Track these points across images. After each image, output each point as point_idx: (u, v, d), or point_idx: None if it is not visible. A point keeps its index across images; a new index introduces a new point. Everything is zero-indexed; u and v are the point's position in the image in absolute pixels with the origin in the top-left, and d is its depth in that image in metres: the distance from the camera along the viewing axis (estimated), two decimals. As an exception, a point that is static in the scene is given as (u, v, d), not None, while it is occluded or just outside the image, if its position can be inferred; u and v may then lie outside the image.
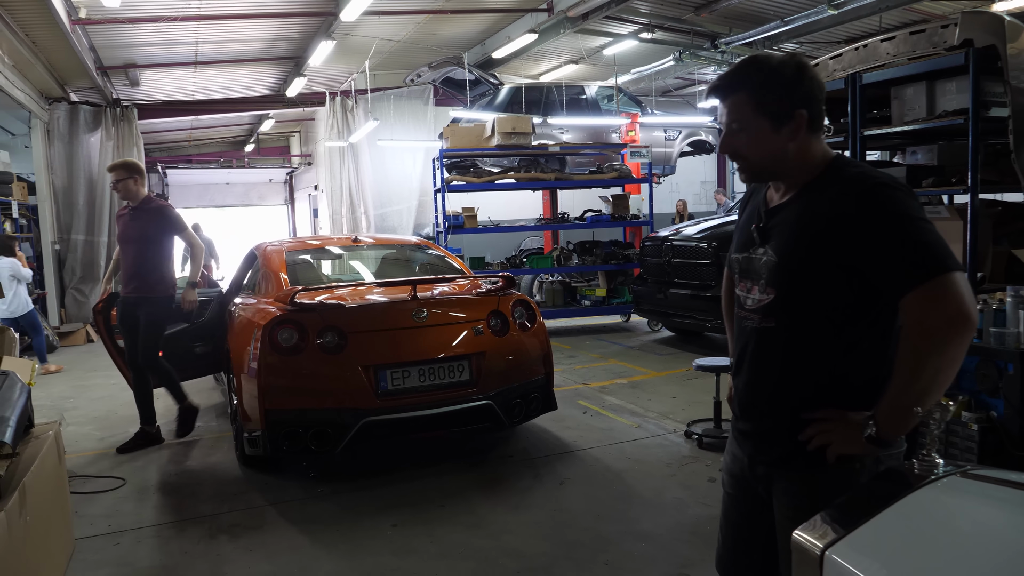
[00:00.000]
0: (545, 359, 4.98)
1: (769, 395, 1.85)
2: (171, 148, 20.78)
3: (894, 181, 1.67)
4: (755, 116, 1.75)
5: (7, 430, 3.08)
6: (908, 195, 1.65)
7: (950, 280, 1.56)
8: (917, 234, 1.60)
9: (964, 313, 1.56)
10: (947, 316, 1.56)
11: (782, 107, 1.73)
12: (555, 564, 3.47)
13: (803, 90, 1.74)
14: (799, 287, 1.77)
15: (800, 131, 1.74)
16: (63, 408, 6.84)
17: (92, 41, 10.24)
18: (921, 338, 1.59)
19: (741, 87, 1.77)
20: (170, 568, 3.55)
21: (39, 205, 11.68)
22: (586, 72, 14.08)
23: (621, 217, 10.18)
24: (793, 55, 1.83)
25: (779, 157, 1.77)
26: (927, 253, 1.58)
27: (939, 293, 1.57)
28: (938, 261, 1.57)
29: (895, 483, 1.44)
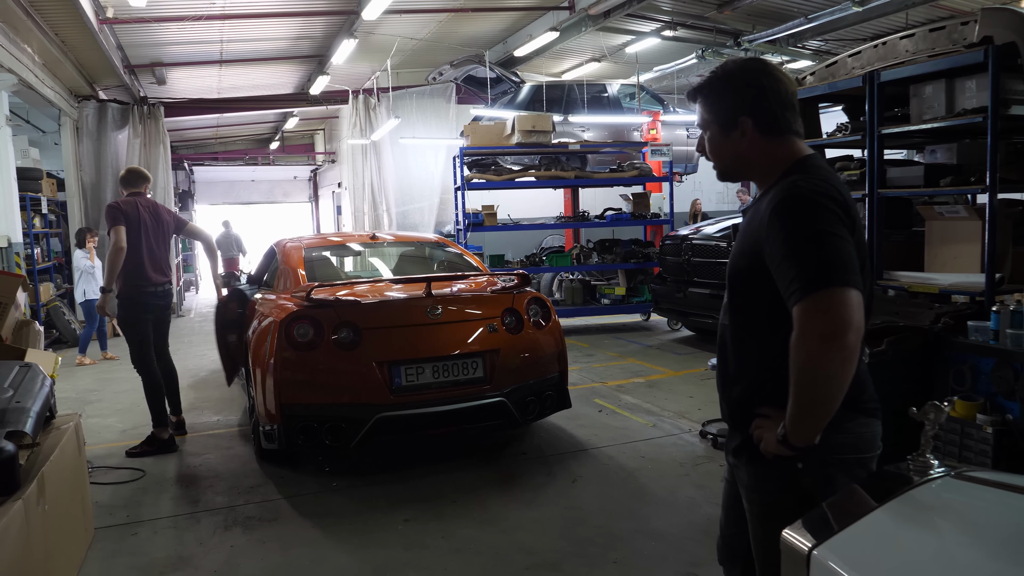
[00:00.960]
0: (559, 357, 4.98)
1: (723, 389, 1.96)
2: (197, 146, 21.04)
3: (812, 192, 1.69)
4: (710, 123, 1.88)
5: (28, 421, 3.16)
6: (817, 208, 1.66)
7: (827, 296, 1.57)
8: (804, 249, 1.62)
9: (836, 330, 1.56)
10: (819, 332, 1.57)
11: (727, 114, 1.83)
12: (565, 561, 3.48)
13: (748, 97, 1.80)
14: (742, 288, 1.86)
15: (747, 135, 1.81)
16: (87, 400, 6.98)
17: (119, 40, 10.40)
18: (796, 350, 1.62)
19: (698, 95, 1.89)
20: (185, 559, 3.61)
21: (68, 201, 11.90)
22: (608, 70, 14.03)
23: (641, 216, 10.13)
24: (754, 60, 1.90)
25: (735, 159, 1.86)
26: (808, 268, 1.60)
27: (814, 309, 1.58)
28: (818, 276, 1.59)
29: (887, 484, 1.43)
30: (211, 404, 6.68)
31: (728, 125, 1.82)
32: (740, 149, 1.84)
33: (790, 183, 1.74)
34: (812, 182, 1.72)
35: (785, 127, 1.83)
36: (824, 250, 1.61)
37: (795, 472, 1.73)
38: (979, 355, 3.22)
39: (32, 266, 9.74)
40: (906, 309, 3.52)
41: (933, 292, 3.79)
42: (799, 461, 1.72)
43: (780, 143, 1.83)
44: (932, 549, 1.20)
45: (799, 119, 1.86)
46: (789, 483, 1.73)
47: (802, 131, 1.87)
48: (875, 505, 1.28)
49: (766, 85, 1.81)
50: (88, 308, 8.92)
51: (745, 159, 1.85)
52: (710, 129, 1.88)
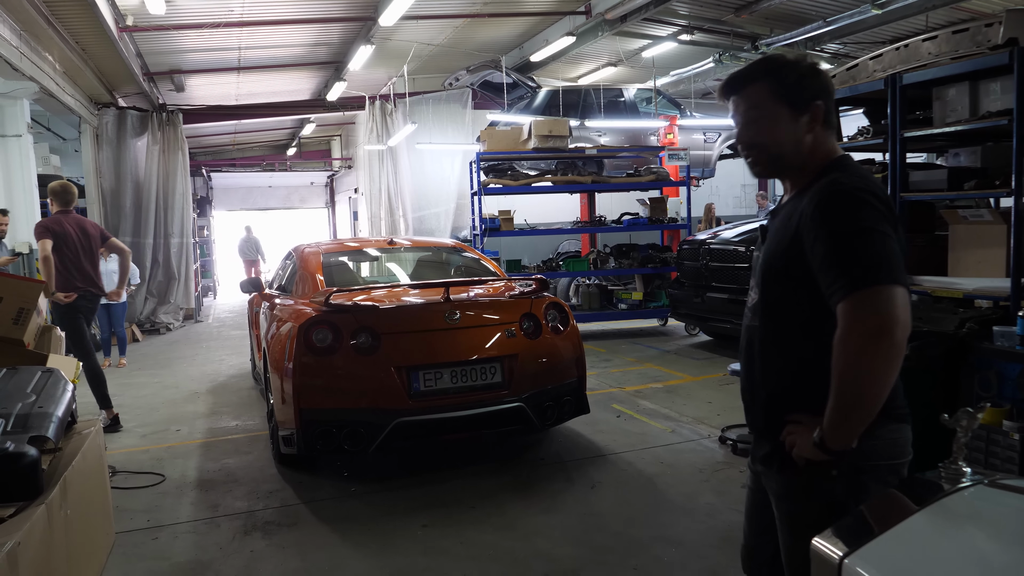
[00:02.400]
0: (578, 362, 4.96)
1: (752, 393, 1.90)
2: (215, 152, 21.23)
3: (858, 190, 1.66)
4: (774, 102, 1.77)
5: (50, 426, 3.19)
6: (864, 205, 1.63)
7: (874, 293, 1.55)
8: (851, 246, 1.60)
9: (884, 328, 1.53)
10: (866, 330, 1.55)
11: (801, 95, 1.76)
12: (584, 568, 3.46)
13: (819, 83, 1.78)
14: (775, 288, 1.82)
15: (817, 123, 1.77)
16: (108, 405, 7.02)
17: (139, 48, 10.52)
18: (842, 349, 1.59)
19: (760, 76, 1.80)
20: (205, 564, 3.62)
21: (88, 208, 12.02)
22: (624, 74, 14.01)
23: (659, 220, 10.10)
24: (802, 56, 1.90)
25: (795, 147, 1.79)
26: (856, 265, 1.58)
27: (861, 306, 1.56)
28: (866, 273, 1.57)
29: (919, 492, 1.40)
30: (230, 409, 6.71)
31: (801, 107, 1.77)
32: (800, 135, 1.78)
33: (832, 180, 1.71)
34: (854, 180, 1.70)
35: (836, 123, 1.84)
36: (871, 247, 1.58)
37: (829, 480, 1.69)
38: (1005, 360, 3.17)
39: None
40: (930, 314, 3.48)
41: (957, 297, 3.74)
42: (833, 468, 1.68)
43: (828, 137, 1.82)
44: (966, 559, 1.18)
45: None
46: (823, 491, 1.70)
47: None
48: (907, 513, 1.25)
49: (829, 78, 1.83)
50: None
51: (799, 147, 1.79)
52: (773, 109, 1.78)
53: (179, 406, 6.92)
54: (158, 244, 12.61)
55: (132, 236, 12.34)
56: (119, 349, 9.19)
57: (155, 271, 12.59)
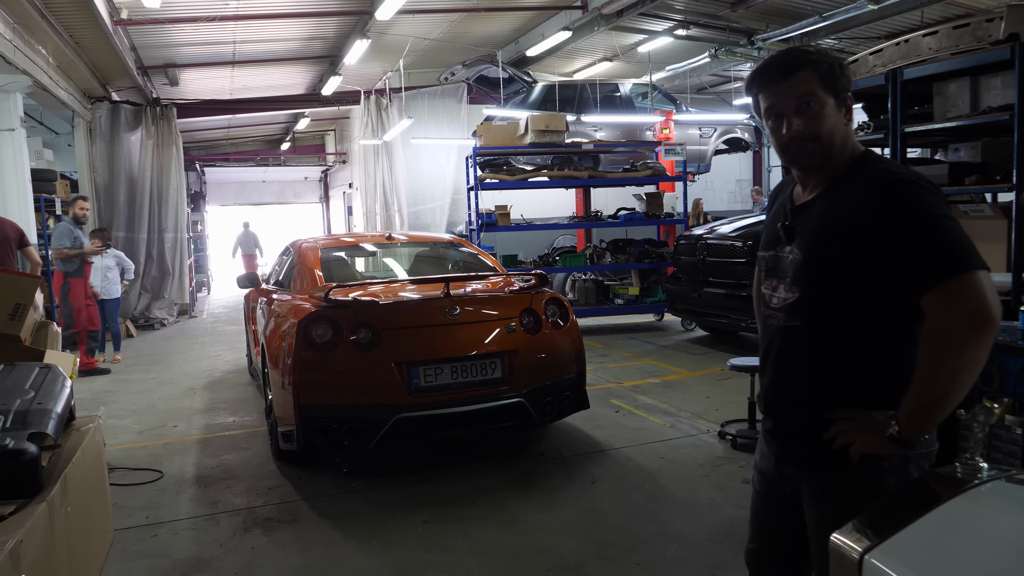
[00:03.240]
0: (577, 357, 4.96)
1: (792, 394, 1.84)
2: (209, 147, 21.12)
3: (919, 178, 1.63)
4: (824, 92, 1.71)
5: (50, 422, 3.16)
6: (932, 192, 1.62)
7: (970, 279, 1.53)
8: (937, 232, 1.57)
9: (983, 314, 1.52)
10: (966, 316, 1.53)
11: (842, 86, 1.72)
12: (586, 563, 3.45)
13: (847, 77, 1.75)
14: (823, 286, 1.74)
15: (849, 117, 1.75)
16: (103, 401, 7.00)
17: (133, 41, 10.45)
18: (939, 338, 1.56)
19: (804, 64, 1.71)
20: (205, 560, 3.61)
21: (82, 203, 11.95)
22: (620, 69, 14.00)
23: (655, 215, 10.09)
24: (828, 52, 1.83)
25: (831, 136, 1.73)
26: (947, 251, 1.55)
27: (958, 292, 1.53)
28: (958, 259, 1.54)
29: (938, 487, 1.40)
30: (227, 405, 6.69)
31: (843, 101, 1.74)
32: (839, 127, 1.74)
33: (885, 171, 1.69)
34: (906, 171, 1.68)
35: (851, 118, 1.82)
36: (958, 233, 1.57)
37: (880, 473, 1.67)
38: (1007, 355, 3.17)
39: (47, 267, 9.78)
40: (932, 309, 3.49)
41: (958, 292, 3.75)
42: (884, 460, 1.66)
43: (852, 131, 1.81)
44: (987, 554, 1.17)
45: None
46: (874, 485, 1.66)
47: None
48: (927, 508, 1.25)
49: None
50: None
51: (837, 138, 1.74)
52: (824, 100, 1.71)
53: (175, 402, 6.89)
54: (152, 239, 12.55)
55: (126, 231, 12.28)
56: (113, 345, 9.14)
57: (149, 266, 12.53)
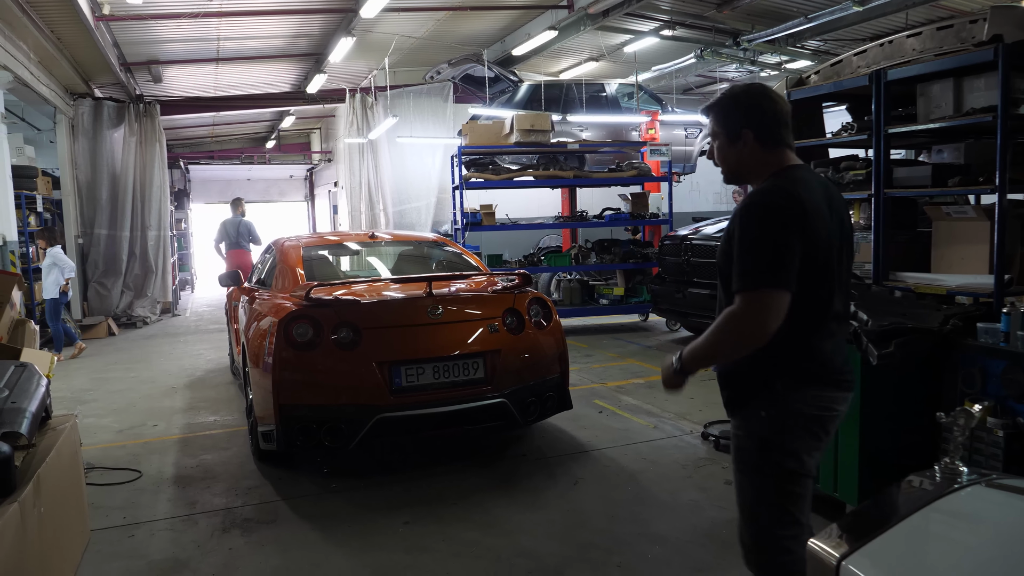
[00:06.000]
0: (561, 358, 4.94)
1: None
2: (194, 144, 20.93)
3: (762, 199, 2.10)
4: (719, 134, 2.27)
5: (23, 422, 3.10)
6: (760, 213, 2.07)
7: (744, 298, 2.03)
8: (740, 254, 2.05)
9: (735, 325, 2.05)
10: (737, 320, 2.05)
11: (733, 127, 2.22)
12: (568, 565, 3.43)
13: (750, 114, 2.20)
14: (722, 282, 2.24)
15: (748, 145, 2.20)
16: (82, 400, 6.91)
17: (115, 37, 10.32)
18: (724, 320, 2.08)
19: (710, 112, 2.30)
20: (183, 562, 3.56)
21: (63, 200, 11.80)
22: (606, 69, 14.00)
23: (640, 216, 10.09)
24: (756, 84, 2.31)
25: (737, 164, 2.26)
26: (739, 272, 2.05)
27: (738, 303, 2.04)
28: (742, 281, 2.04)
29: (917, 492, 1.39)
30: (208, 404, 6.62)
31: (733, 136, 2.21)
32: (742, 156, 2.22)
33: (753, 191, 2.16)
34: (770, 190, 2.11)
35: (778, 140, 2.20)
36: (755, 255, 2.02)
37: (759, 421, 2.15)
38: (989, 357, 3.18)
39: (27, 264, 9.66)
40: (913, 311, 3.49)
41: (940, 293, 3.75)
42: (762, 410, 2.14)
43: (773, 153, 2.20)
44: (966, 559, 1.16)
45: (791, 135, 2.23)
46: (754, 429, 2.16)
47: (793, 145, 2.23)
48: (906, 513, 1.23)
49: (764, 106, 2.20)
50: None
51: (745, 165, 2.24)
52: (719, 139, 2.27)
53: (156, 401, 6.81)
54: (135, 237, 12.41)
55: (108, 228, 12.14)
56: (55, 345, 9.02)
57: (132, 264, 12.39)
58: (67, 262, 9.19)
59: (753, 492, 2.19)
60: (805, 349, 2.12)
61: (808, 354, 2.12)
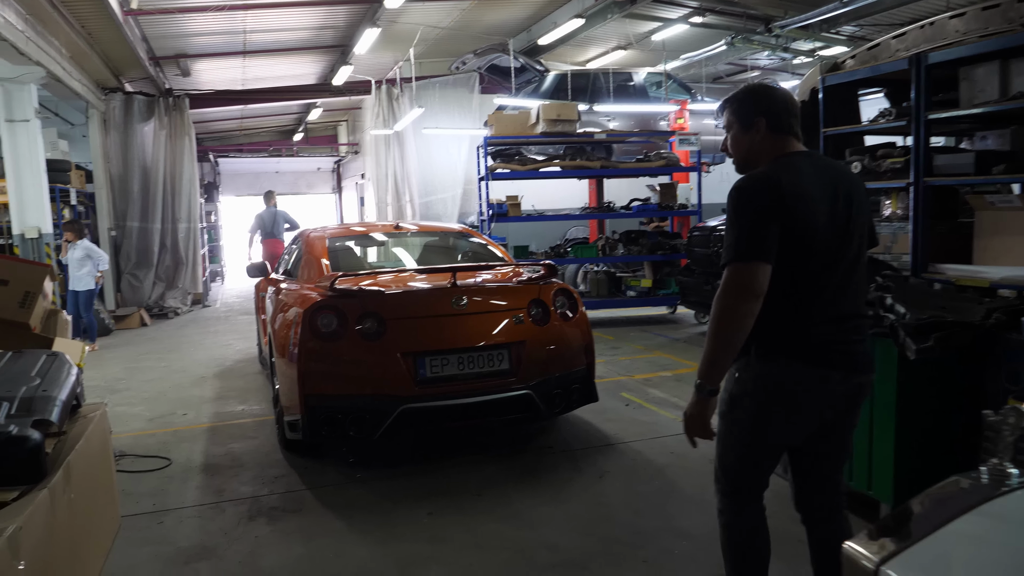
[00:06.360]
0: (587, 349, 4.88)
1: None
2: (222, 137, 21.14)
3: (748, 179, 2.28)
4: (733, 123, 2.45)
5: (54, 410, 3.13)
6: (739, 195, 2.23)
7: (727, 272, 2.20)
8: (730, 228, 2.23)
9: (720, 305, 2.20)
10: (722, 297, 2.20)
11: (748, 116, 2.40)
12: (592, 559, 3.39)
13: (765, 103, 2.38)
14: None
15: (760, 132, 2.38)
16: (115, 389, 7.01)
17: (144, 31, 10.41)
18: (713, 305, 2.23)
19: (726, 106, 2.49)
20: (210, 548, 3.57)
21: (96, 193, 11.98)
22: (634, 58, 13.83)
23: (668, 206, 9.96)
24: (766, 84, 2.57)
25: (748, 152, 2.42)
26: (726, 247, 2.23)
27: (722, 280, 2.21)
28: (727, 254, 2.21)
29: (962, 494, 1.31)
30: (236, 393, 6.67)
31: (748, 124, 2.39)
32: (754, 144, 2.39)
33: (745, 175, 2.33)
34: (750, 176, 2.30)
35: (787, 128, 2.37)
36: (738, 231, 2.20)
37: (733, 379, 2.38)
38: (1035, 352, 3.06)
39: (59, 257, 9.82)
40: (953, 304, 3.36)
41: (983, 286, 3.62)
42: (737, 371, 2.36)
43: (781, 140, 2.37)
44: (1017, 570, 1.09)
45: (798, 124, 2.40)
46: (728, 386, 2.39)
47: (799, 134, 2.39)
48: (950, 517, 1.16)
49: (777, 96, 2.41)
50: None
51: (756, 152, 2.39)
52: (733, 129, 2.44)
53: (186, 390, 6.89)
54: (166, 229, 12.57)
55: (140, 221, 12.31)
56: (89, 336, 9.16)
57: (163, 256, 12.56)
58: (101, 254, 9.30)
59: (721, 437, 2.48)
60: (781, 323, 2.26)
61: (783, 328, 2.27)
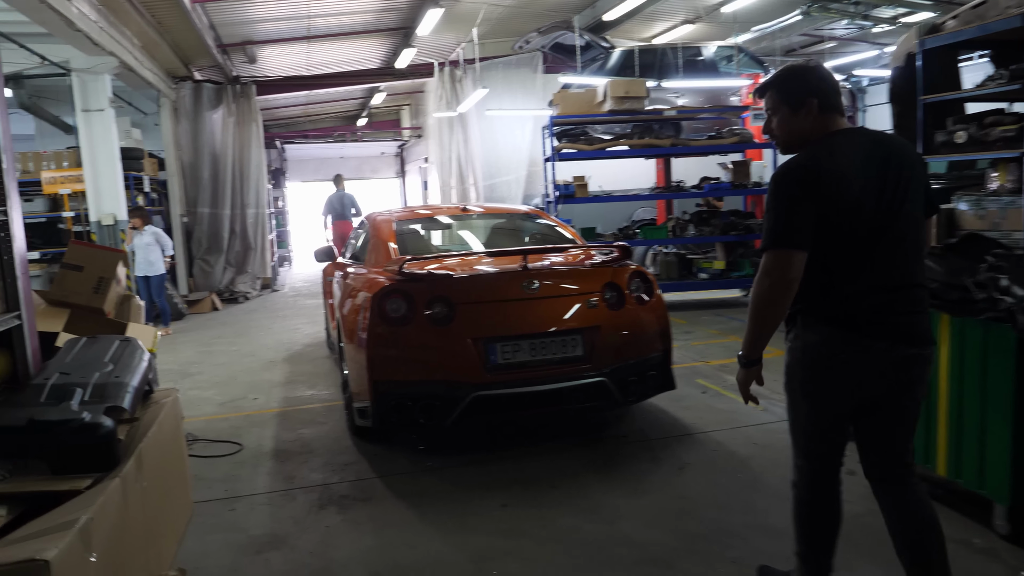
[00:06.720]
0: (663, 334, 4.68)
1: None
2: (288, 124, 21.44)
3: (786, 168, 2.33)
4: (780, 105, 2.45)
5: (126, 396, 3.11)
6: (778, 182, 2.33)
7: (764, 257, 2.32)
8: (767, 214, 2.35)
9: (758, 288, 2.34)
10: (759, 282, 2.34)
11: (798, 97, 2.41)
12: (676, 557, 3.21)
13: (815, 84, 2.41)
14: None
15: (811, 112, 2.40)
16: (188, 372, 7.12)
17: (212, 19, 10.52)
18: (752, 287, 2.40)
19: (769, 88, 2.50)
20: (281, 538, 3.53)
21: (168, 180, 12.27)
22: (703, 32, 13.36)
23: (742, 185, 9.56)
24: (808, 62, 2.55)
25: (798, 133, 2.44)
26: (764, 233, 2.34)
27: (764, 261, 2.32)
28: (765, 240, 2.32)
29: None
30: (305, 378, 6.69)
31: (797, 105, 2.41)
32: (803, 125, 2.42)
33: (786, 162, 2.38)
34: (795, 159, 2.35)
35: (835, 106, 2.42)
36: (773, 217, 2.31)
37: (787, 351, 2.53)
38: None
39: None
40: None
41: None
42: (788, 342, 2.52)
43: (829, 119, 2.41)
44: None
45: (842, 102, 2.44)
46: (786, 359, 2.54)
47: (844, 111, 2.43)
48: None
49: (823, 75, 2.45)
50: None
51: (804, 132, 2.42)
52: (780, 111, 2.45)
53: (256, 374, 6.95)
54: (235, 215, 12.80)
55: (211, 207, 12.56)
56: (162, 320, 9.36)
57: (232, 242, 12.79)
58: (167, 239, 9.52)
59: (788, 409, 2.60)
60: (826, 294, 2.36)
61: (828, 299, 2.37)
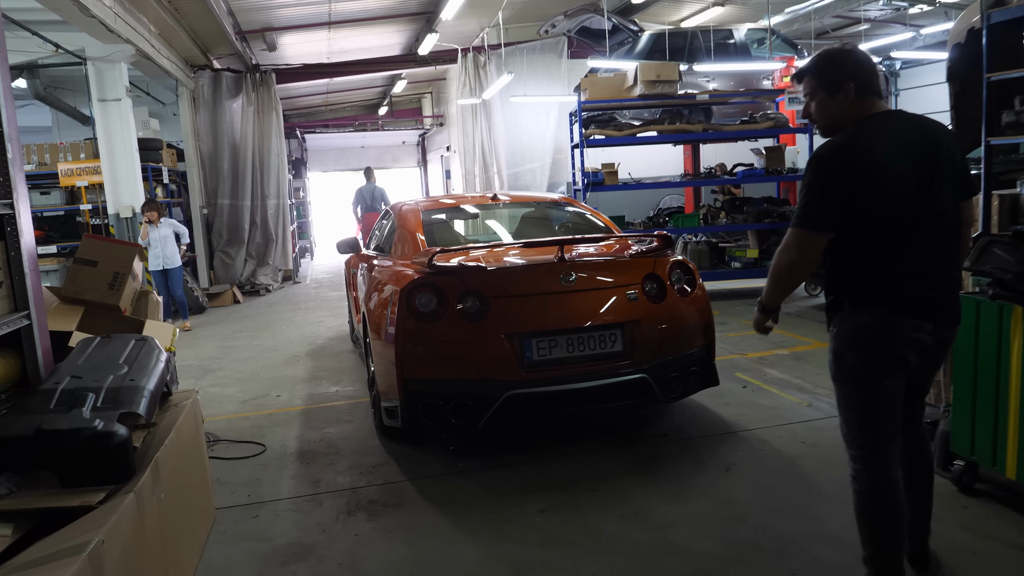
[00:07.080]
0: (706, 328, 4.43)
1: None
2: (309, 113, 21.28)
3: (821, 152, 2.41)
4: (818, 90, 2.53)
5: (142, 401, 2.92)
6: (815, 165, 2.41)
7: (788, 235, 2.45)
8: (800, 193, 2.44)
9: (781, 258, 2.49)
10: (779, 255, 2.49)
11: (835, 81, 2.47)
12: (730, 568, 2.98)
13: (851, 67, 2.46)
14: None
15: (848, 96, 2.46)
16: (208, 368, 6.97)
17: (230, 4, 10.32)
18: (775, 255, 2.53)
19: (807, 73, 2.56)
20: (308, 547, 3.34)
21: (187, 171, 12.12)
22: (733, 14, 12.96)
23: (776, 171, 9.22)
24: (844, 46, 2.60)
25: (836, 116, 2.50)
26: (797, 209, 2.45)
27: (788, 237, 2.45)
28: (794, 218, 2.44)
29: None
30: (329, 373, 6.51)
31: (834, 89, 2.47)
32: (842, 108, 2.48)
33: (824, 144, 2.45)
34: (835, 142, 2.43)
35: (873, 89, 2.47)
36: (805, 198, 2.41)
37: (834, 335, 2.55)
38: None
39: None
40: None
41: None
42: (835, 326, 2.54)
43: (868, 102, 2.46)
44: None
45: (879, 84, 2.48)
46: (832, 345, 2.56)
47: (882, 93, 2.46)
48: None
49: (860, 58, 2.50)
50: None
51: (843, 115, 2.47)
52: (818, 95, 2.53)
53: (279, 370, 6.78)
54: (255, 206, 12.64)
55: (230, 198, 12.41)
56: (181, 313, 9.21)
57: (253, 233, 12.64)
58: (183, 228, 9.27)
59: (838, 400, 2.58)
60: (871, 278, 2.42)
61: (874, 282, 2.42)
